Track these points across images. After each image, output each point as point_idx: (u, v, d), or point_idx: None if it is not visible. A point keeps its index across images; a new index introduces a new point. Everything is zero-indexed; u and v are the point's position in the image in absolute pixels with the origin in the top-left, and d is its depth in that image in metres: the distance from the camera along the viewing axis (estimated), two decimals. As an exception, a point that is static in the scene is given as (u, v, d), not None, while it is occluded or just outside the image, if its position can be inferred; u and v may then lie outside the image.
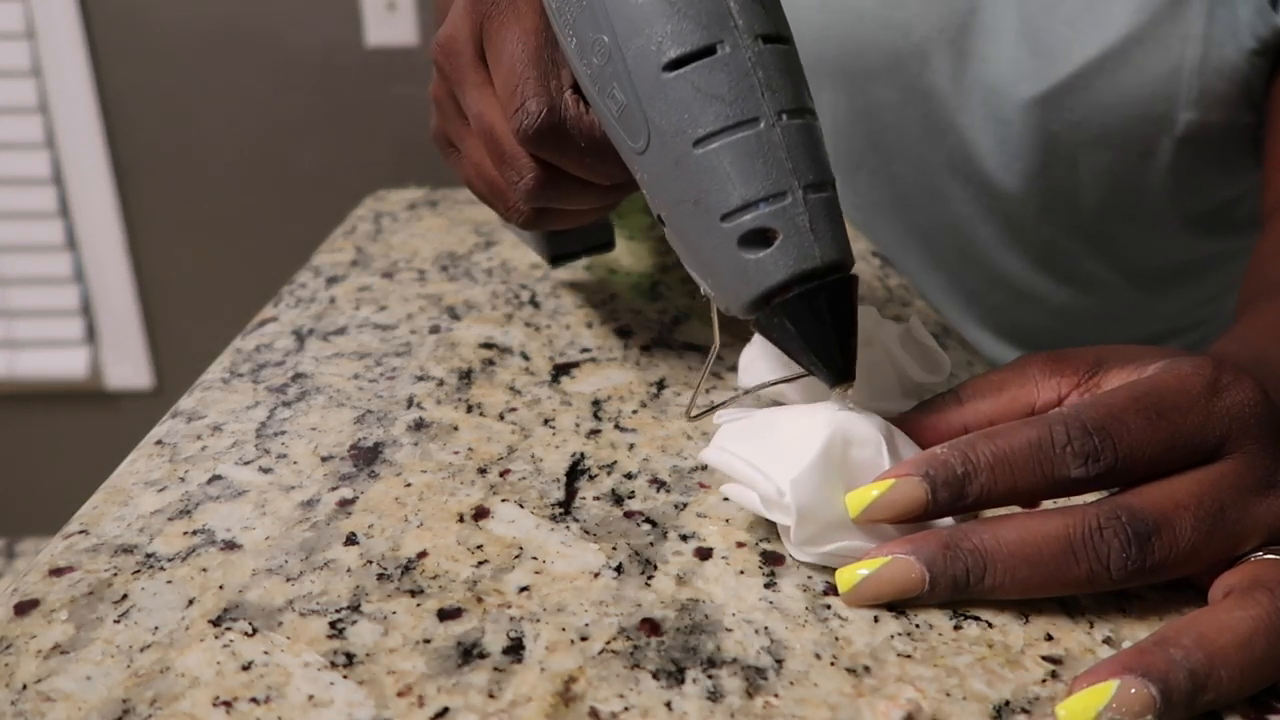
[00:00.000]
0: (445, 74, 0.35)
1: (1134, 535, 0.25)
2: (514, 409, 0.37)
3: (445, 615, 0.26)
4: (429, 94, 0.37)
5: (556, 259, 0.43)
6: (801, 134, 0.28)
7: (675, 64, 0.27)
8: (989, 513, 0.28)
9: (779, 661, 0.24)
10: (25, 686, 0.23)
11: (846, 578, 0.26)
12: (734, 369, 0.39)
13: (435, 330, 0.44)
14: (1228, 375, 0.28)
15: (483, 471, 0.32)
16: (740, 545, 0.29)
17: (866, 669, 0.24)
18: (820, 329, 0.28)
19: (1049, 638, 0.25)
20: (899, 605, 0.26)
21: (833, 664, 0.24)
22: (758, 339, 0.37)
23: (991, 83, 0.58)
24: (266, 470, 0.32)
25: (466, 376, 0.39)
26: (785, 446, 0.28)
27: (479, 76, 0.33)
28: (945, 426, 0.31)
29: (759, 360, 0.36)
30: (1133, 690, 0.22)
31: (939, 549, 0.26)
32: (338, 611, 0.26)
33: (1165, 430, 0.26)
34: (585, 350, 0.42)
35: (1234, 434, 0.27)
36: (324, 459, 0.33)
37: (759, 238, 0.27)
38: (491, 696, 0.23)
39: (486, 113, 0.33)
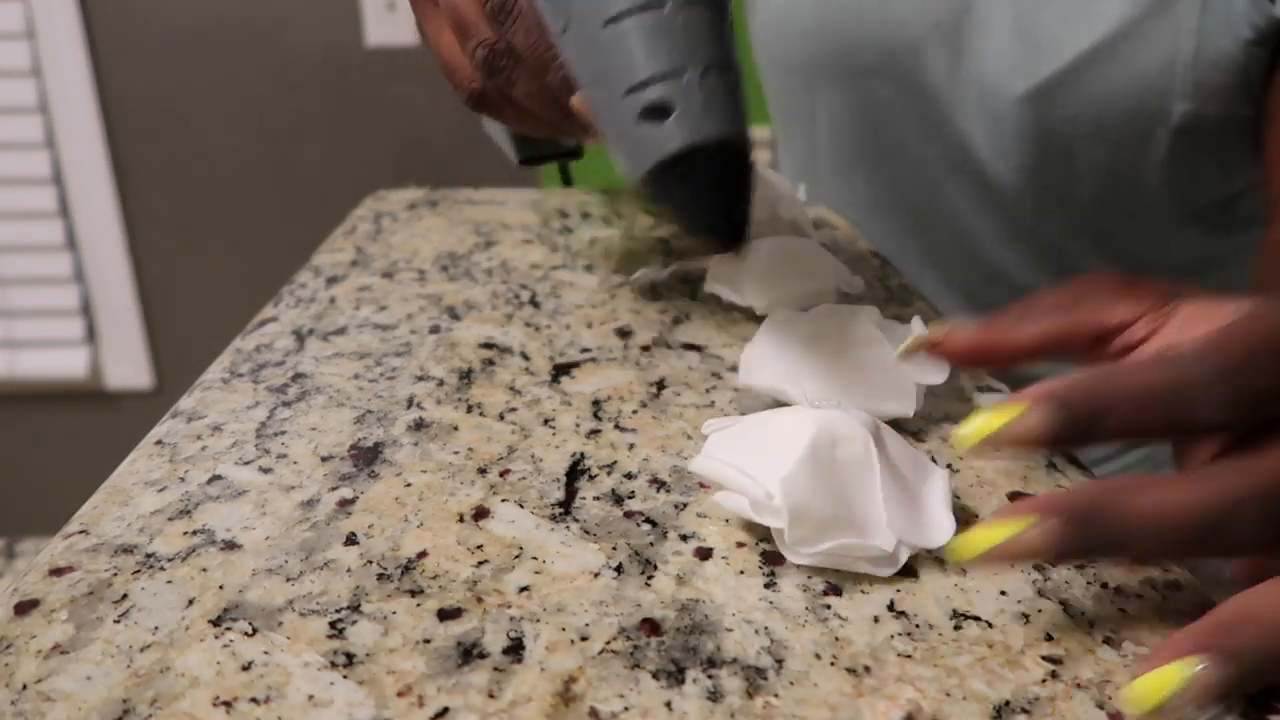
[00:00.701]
0: None
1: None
2: (514, 409, 0.37)
3: (445, 615, 0.26)
4: None
5: (526, 160, 0.45)
6: (703, 18, 0.30)
7: None
8: None
9: (779, 661, 0.24)
10: (25, 686, 0.23)
11: (982, 539, 0.24)
12: (732, 368, 0.39)
13: (435, 330, 0.44)
14: None
15: (483, 471, 0.32)
16: (740, 545, 0.29)
17: (866, 669, 0.24)
18: (710, 196, 0.31)
19: (1049, 638, 0.25)
20: (899, 606, 0.26)
21: (833, 664, 0.24)
22: (758, 339, 0.37)
23: (985, 78, 0.58)
24: (266, 470, 0.32)
25: (466, 376, 0.39)
26: (772, 449, 0.28)
27: None
28: (1023, 339, 0.31)
29: (763, 363, 0.36)
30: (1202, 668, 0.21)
31: (1079, 521, 0.24)
32: (338, 611, 0.26)
33: None
34: (585, 350, 0.42)
35: None
36: (324, 459, 0.33)
37: (657, 111, 0.29)
38: (491, 696, 0.23)
39: None
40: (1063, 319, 0.31)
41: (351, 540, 0.29)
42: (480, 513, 0.30)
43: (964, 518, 0.30)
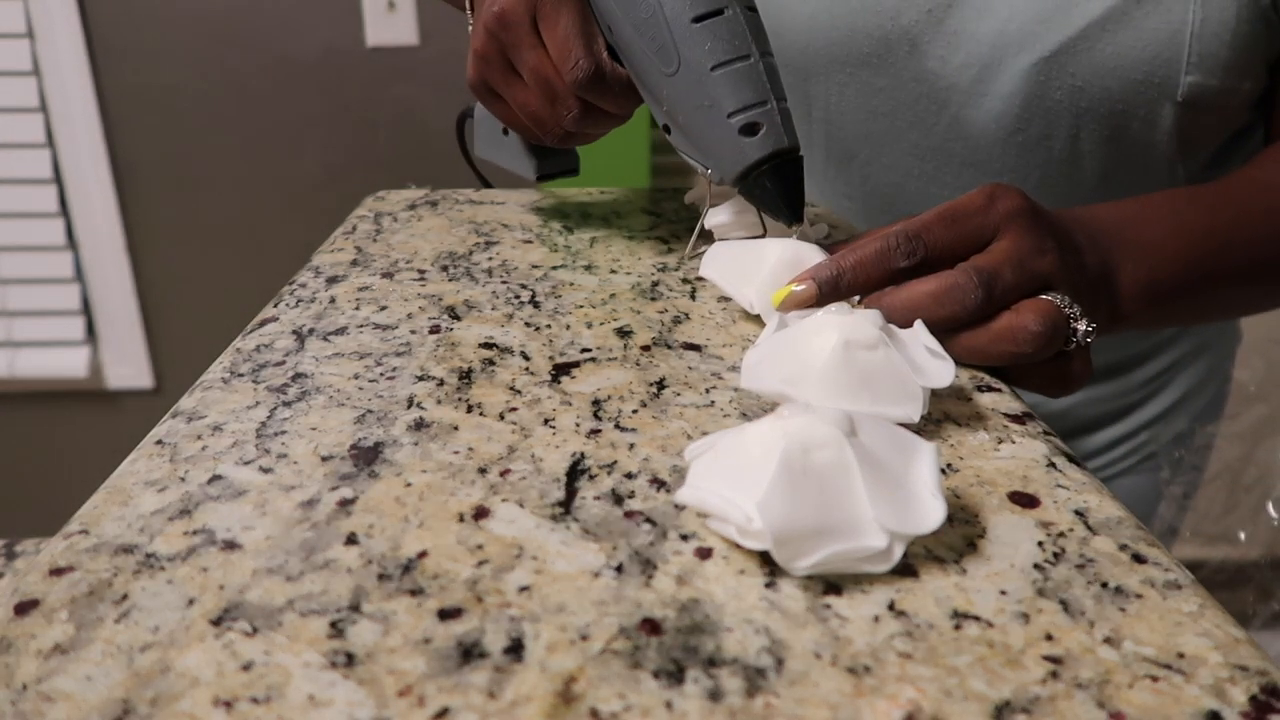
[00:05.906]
0: (498, 38, 0.48)
1: (980, 283, 0.39)
2: (514, 409, 0.37)
3: (445, 615, 0.26)
4: (473, 50, 0.50)
5: (542, 178, 0.59)
6: (772, 67, 0.46)
7: (699, 19, 0.44)
8: None
9: (779, 661, 0.24)
10: (25, 686, 0.23)
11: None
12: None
13: (435, 330, 0.44)
14: (1000, 190, 0.42)
15: (483, 471, 0.32)
16: (740, 545, 0.29)
17: (866, 669, 0.24)
18: (786, 188, 0.45)
19: (1049, 638, 0.25)
20: (899, 605, 0.26)
21: (833, 664, 0.24)
22: (760, 343, 0.38)
23: (985, 57, 0.58)
24: (267, 470, 0.32)
25: (466, 376, 0.39)
26: (747, 470, 0.28)
27: (534, 41, 0.47)
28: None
29: (766, 367, 0.36)
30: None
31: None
32: (338, 611, 0.26)
33: (957, 229, 0.41)
34: (585, 350, 0.42)
35: (1005, 225, 0.41)
36: (324, 459, 0.33)
37: (750, 129, 0.44)
38: (491, 696, 0.23)
39: (541, 67, 0.47)
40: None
41: (352, 540, 0.29)
42: (480, 513, 0.30)
43: (963, 516, 0.30)
